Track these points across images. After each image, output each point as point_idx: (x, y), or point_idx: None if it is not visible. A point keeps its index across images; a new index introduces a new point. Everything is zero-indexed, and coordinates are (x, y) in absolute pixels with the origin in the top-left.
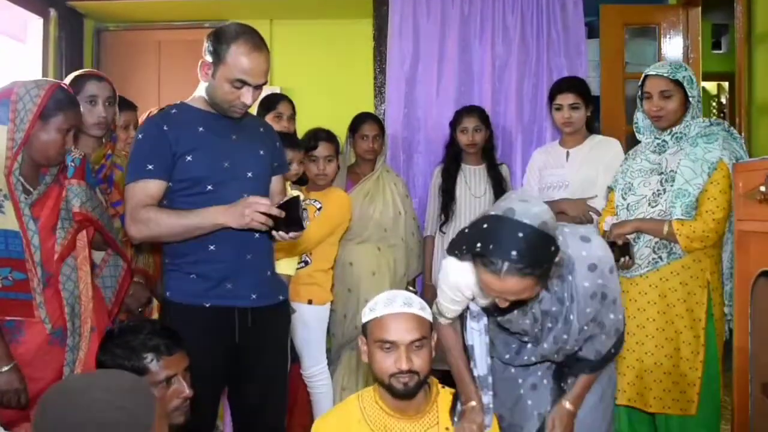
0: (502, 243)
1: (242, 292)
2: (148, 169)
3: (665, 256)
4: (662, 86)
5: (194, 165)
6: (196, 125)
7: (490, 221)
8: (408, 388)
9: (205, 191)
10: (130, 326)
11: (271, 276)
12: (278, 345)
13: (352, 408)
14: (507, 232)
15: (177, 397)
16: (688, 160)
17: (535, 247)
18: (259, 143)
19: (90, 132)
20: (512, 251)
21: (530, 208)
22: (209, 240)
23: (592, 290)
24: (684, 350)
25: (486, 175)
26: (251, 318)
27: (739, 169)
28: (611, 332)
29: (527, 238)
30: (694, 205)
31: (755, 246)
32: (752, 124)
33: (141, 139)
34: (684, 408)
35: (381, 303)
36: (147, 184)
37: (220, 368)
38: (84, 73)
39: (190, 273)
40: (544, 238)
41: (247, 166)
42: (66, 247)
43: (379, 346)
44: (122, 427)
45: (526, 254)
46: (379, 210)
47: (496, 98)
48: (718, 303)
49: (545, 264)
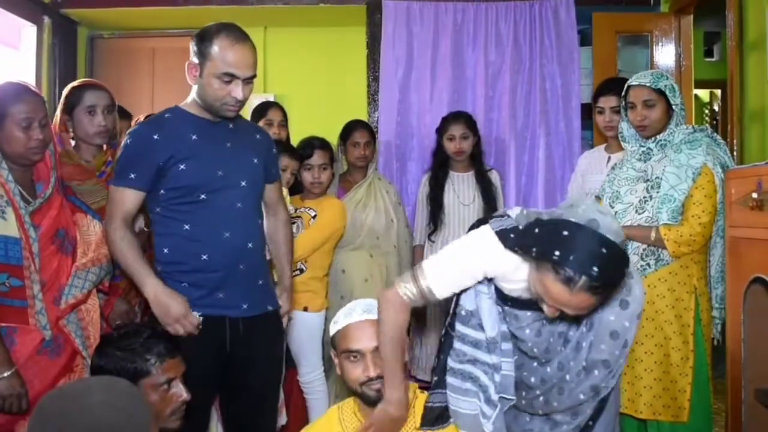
0: (585, 256)
1: (234, 301)
2: (130, 177)
3: (653, 263)
4: (645, 96)
5: (187, 173)
6: (189, 133)
7: (572, 229)
8: (380, 395)
9: (198, 200)
10: (130, 330)
11: (262, 285)
12: (270, 355)
13: (332, 420)
14: (591, 246)
15: (176, 400)
16: (672, 166)
17: (614, 266)
18: (253, 151)
19: (92, 141)
20: (594, 267)
21: (612, 223)
22: (202, 249)
23: (614, 328)
24: (674, 356)
25: (474, 182)
26: (242, 327)
27: (731, 176)
28: (611, 377)
29: (610, 255)
30: (680, 211)
31: (747, 252)
32: (744, 131)
33: (129, 144)
34: (675, 414)
35: (342, 314)
36: (125, 193)
37: (211, 377)
38: (82, 84)
39: (182, 282)
40: (623, 257)
41: (240, 175)
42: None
43: (346, 357)
44: (125, 428)
45: (606, 272)
46: (371, 217)
47: (489, 105)
48: (705, 308)
49: (619, 284)
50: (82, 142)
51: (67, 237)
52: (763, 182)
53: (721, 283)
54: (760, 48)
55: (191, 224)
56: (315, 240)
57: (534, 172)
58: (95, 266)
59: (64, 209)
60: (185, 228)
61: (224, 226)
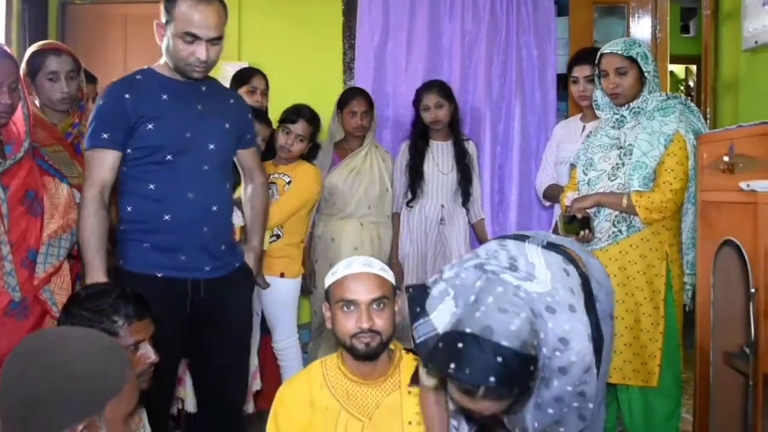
0: (479, 368)
1: (196, 263)
2: (103, 137)
3: (625, 229)
4: (617, 63)
5: (155, 133)
6: (160, 93)
7: (466, 341)
8: (369, 349)
9: (164, 161)
10: (98, 290)
11: (226, 249)
12: (238, 315)
13: (315, 374)
14: (484, 356)
15: (143, 362)
16: (645, 133)
17: (514, 371)
18: (225, 116)
19: (56, 108)
20: (490, 377)
21: (509, 326)
22: (165, 209)
23: (557, 394)
24: (644, 322)
25: (453, 150)
26: (205, 289)
27: (703, 141)
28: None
29: (506, 362)
30: (651, 177)
31: (718, 216)
32: (718, 100)
33: (101, 105)
34: (645, 379)
35: (342, 266)
36: (102, 154)
37: (174, 339)
38: (42, 48)
39: (143, 242)
40: (524, 359)
41: (209, 138)
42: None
43: (340, 307)
44: (94, 382)
45: (505, 379)
46: (364, 187)
47: (465, 75)
48: (677, 275)
49: (525, 385)
50: (46, 107)
51: (36, 199)
52: (734, 146)
53: (693, 249)
54: (735, 18)
55: (155, 184)
56: (291, 206)
57: (509, 142)
58: (66, 233)
59: (34, 171)
60: (150, 188)
61: (189, 188)
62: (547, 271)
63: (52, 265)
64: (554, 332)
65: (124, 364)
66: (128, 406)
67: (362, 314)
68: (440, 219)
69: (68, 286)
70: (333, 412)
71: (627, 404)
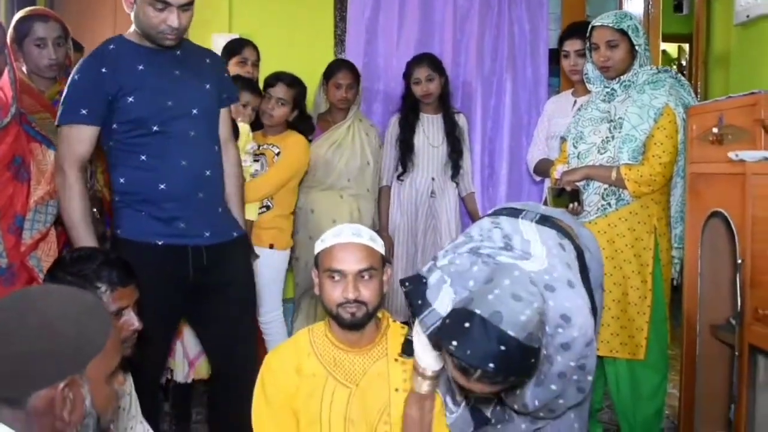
0: (481, 352)
1: (195, 230)
2: (81, 113)
3: (614, 203)
4: (608, 36)
5: (136, 106)
6: (135, 63)
7: (473, 321)
8: (355, 319)
9: (152, 132)
10: (83, 255)
11: (223, 213)
12: (241, 281)
13: (302, 342)
14: (489, 342)
15: (126, 329)
16: (635, 106)
17: (514, 361)
18: (203, 77)
19: (43, 75)
20: (489, 363)
21: (519, 316)
22: (160, 179)
23: (561, 370)
24: (632, 295)
25: (443, 124)
26: (206, 256)
27: (692, 113)
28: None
29: (508, 352)
30: (641, 150)
31: (706, 187)
32: (708, 75)
33: (77, 80)
34: (632, 352)
35: (331, 234)
36: (81, 130)
37: (175, 307)
38: (29, 14)
39: (141, 210)
40: (526, 351)
41: (191, 103)
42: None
43: (328, 276)
44: (76, 340)
45: (503, 367)
46: (345, 159)
47: (456, 49)
48: (665, 248)
49: (522, 376)
50: (33, 74)
51: (23, 165)
52: (723, 117)
53: (681, 222)
54: None
55: (147, 155)
56: (280, 177)
57: (500, 117)
58: (53, 199)
59: (21, 137)
60: (141, 158)
61: (181, 155)
62: (542, 247)
63: (39, 232)
64: (555, 310)
65: (107, 323)
66: (111, 365)
67: (349, 284)
68: (431, 192)
69: (55, 253)
70: (320, 379)
71: (614, 377)
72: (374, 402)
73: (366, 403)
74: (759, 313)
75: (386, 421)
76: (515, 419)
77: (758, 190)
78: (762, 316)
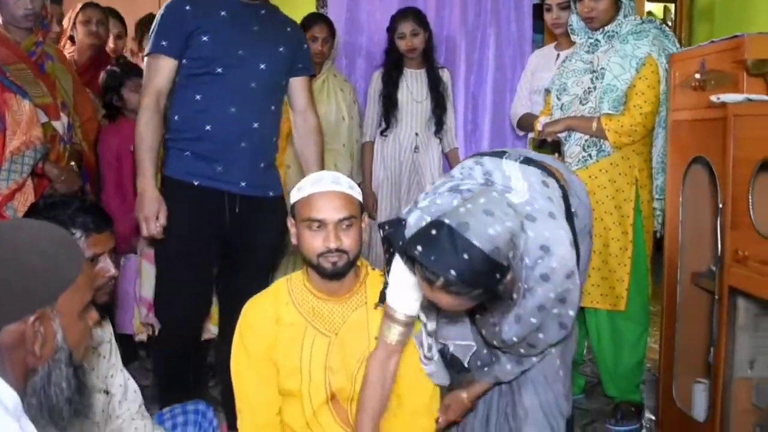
0: (444, 259)
1: (231, 176)
2: (162, 44)
3: (594, 154)
4: None
5: (209, 45)
6: (219, 8)
7: (441, 230)
8: (336, 268)
9: (215, 72)
10: (57, 201)
11: (265, 169)
12: (269, 243)
13: (281, 291)
14: (452, 250)
15: (102, 276)
16: (617, 56)
17: (477, 272)
18: (280, 40)
19: (19, 25)
20: (452, 270)
21: (487, 229)
22: (208, 120)
23: (540, 302)
24: (612, 246)
25: (427, 78)
26: (240, 206)
27: (676, 59)
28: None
29: (472, 261)
30: (622, 101)
31: (688, 134)
32: (693, 30)
33: (163, 14)
34: (613, 303)
35: (308, 182)
36: (158, 61)
37: (209, 250)
38: None
39: (185, 150)
40: (492, 264)
41: (261, 58)
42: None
43: (307, 226)
44: (42, 273)
45: (466, 277)
46: (320, 114)
47: (440, 3)
48: (646, 200)
49: (484, 289)
50: (9, 24)
51: None
52: (706, 62)
53: (662, 173)
54: None
55: (202, 95)
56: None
57: (483, 72)
58: (29, 150)
59: None
60: (196, 98)
61: (232, 102)
62: (524, 182)
63: (15, 182)
64: (535, 241)
65: (78, 256)
66: (83, 300)
67: (329, 234)
68: (414, 147)
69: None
70: (299, 328)
71: (595, 329)
72: (354, 351)
73: (346, 351)
74: (739, 254)
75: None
76: (501, 359)
77: (740, 132)
78: (742, 257)
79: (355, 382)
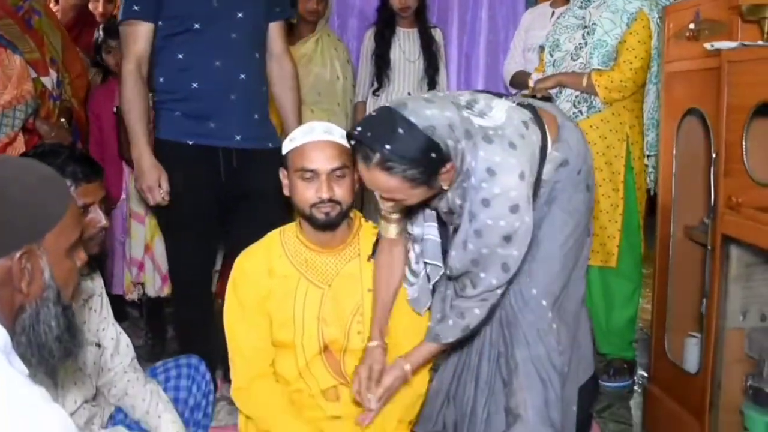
0: (379, 133)
1: (225, 131)
2: (134, 9)
3: (585, 110)
4: None
5: (181, 2)
6: None
7: (380, 111)
8: (329, 218)
9: (193, 29)
10: (47, 150)
11: (259, 120)
12: (270, 192)
13: (273, 243)
14: (388, 125)
15: (93, 226)
16: (608, 11)
17: (411, 148)
18: None
19: None
20: (386, 144)
21: (424, 110)
22: (194, 77)
23: (477, 227)
24: (603, 203)
25: (419, 38)
26: (237, 159)
27: (670, 11)
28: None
29: (406, 136)
30: (612, 56)
31: (681, 85)
32: None
33: None
34: (604, 260)
35: (300, 132)
36: (135, 27)
37: (209, 208)
38: None
39: (174, 110)
40: (426, 141)
41: (237, 6)
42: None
43: (300, 176)
44: (29, 209)
45: (400, 151)
46: (314, 73)
47: None
48: (637, 157)
49: (418, 168)
50: None
51: None
52: (700, 11)
53: (653, 129)
54: None
55: (184, 53)
56: None
57: (476, 33)
58: (20, 104)
59: None
60: (179, 57)
61: (216, 56)
62: (504, 114)
63: (6, 135)
64: (484, 161)
65: (64, 193)
66: (70, 238)
67: (322, 184)
68: None
69: None
70: (292, 280)
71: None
72: (347, 302)
73: (339, 303)
74: (732, 201)
75: (359, 320)
76: (467, 293)
77: (733, 78)
78: (735, 204)
79: (348, 333)
